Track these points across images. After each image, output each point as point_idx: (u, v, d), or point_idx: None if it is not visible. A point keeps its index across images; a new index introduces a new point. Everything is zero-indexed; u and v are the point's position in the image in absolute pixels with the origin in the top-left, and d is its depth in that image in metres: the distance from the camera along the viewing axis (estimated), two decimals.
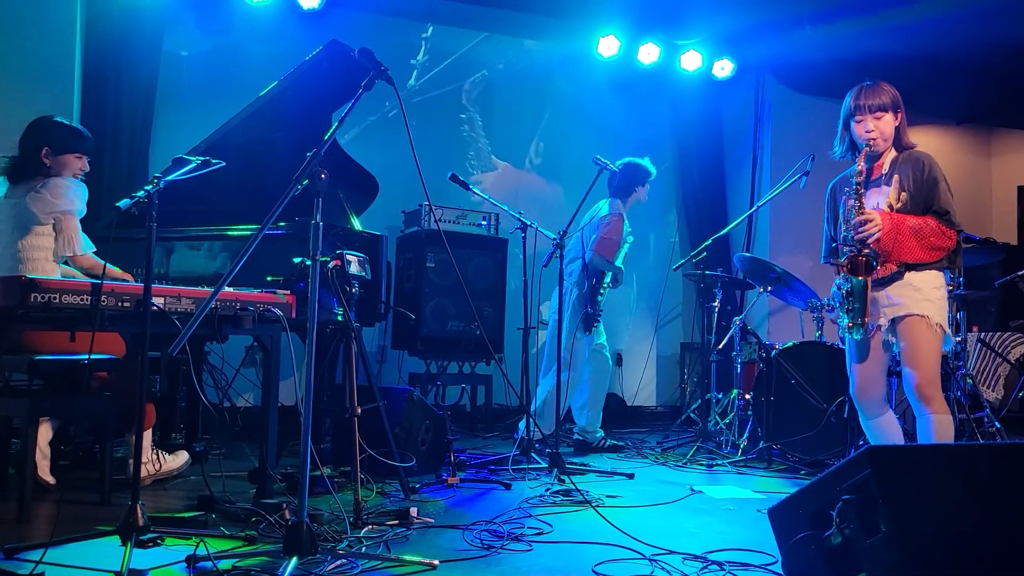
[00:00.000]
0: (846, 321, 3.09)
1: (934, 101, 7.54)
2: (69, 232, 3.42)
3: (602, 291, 5.02)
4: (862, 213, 3.03)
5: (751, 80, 7.28)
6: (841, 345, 3.26)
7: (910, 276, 3.06)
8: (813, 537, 2.12)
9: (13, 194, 3.45)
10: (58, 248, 3.43)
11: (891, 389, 4.59)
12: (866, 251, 3.01)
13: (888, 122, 3.13)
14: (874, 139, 3.10)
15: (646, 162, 5.19)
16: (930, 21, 5.92)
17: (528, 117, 7.06)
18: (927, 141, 8.16)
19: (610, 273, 5.01)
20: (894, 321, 3.08)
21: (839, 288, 3.12)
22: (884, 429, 3.21)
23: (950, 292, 4.78)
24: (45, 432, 3.47)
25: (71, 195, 3.43)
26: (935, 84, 6.91)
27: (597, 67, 6.95)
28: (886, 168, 3.12)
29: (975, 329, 5.87)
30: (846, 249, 3.07)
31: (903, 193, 3.08)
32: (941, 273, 3.09)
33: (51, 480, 3.46)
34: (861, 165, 3.10)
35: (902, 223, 3.03)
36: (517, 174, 6.98)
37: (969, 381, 4.94)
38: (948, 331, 3.07)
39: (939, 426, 2.95)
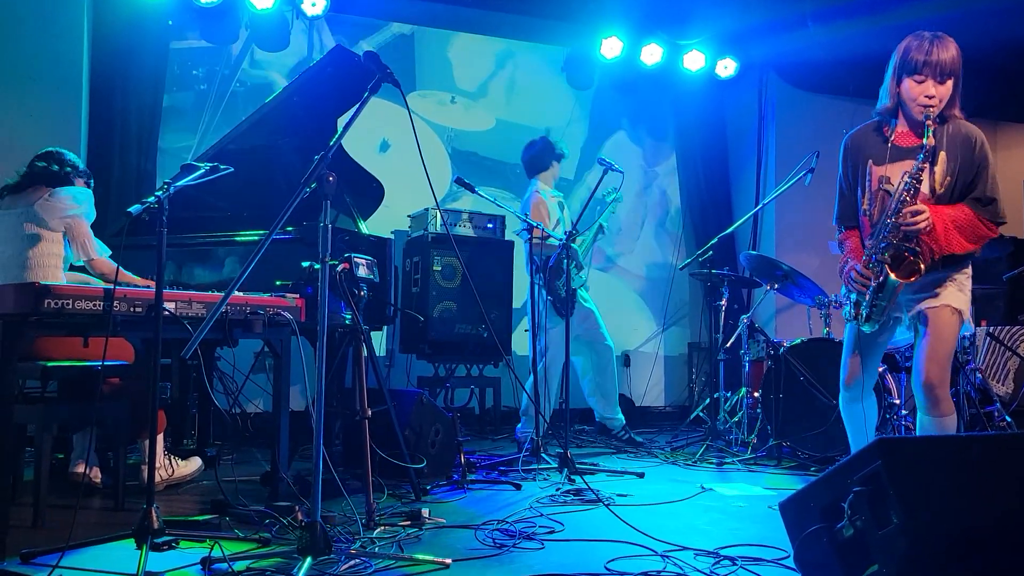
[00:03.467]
0: (860, 311, 2.83)
1: None
2: (82, 237, 3.45)
3: (561, 277, 4.90)
4: (914, 203, 2.68)
5: (754, 79, 7.29)
6: (905, 341, 2.98)
7: (946, 267, 2.79)
8: (825, 530, 2.12)
9: (15, 204, 3.46)
10: (74, 255, 3.46)
11: (900, 385, 4.59)
12: (910, 247, 2.70)
13: (949, 89, 2.73)
14: (934, 107, 2.70)
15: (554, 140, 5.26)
16: (934, 17, 5.92)
17: (532, 119, 7.07)
18: None
19: (553, 255, 4.82)
20: (920, 312, 2.81)
21: (860, 276, 2.80)
22: (865, 413, 3.03)
23: None
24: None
25: (79, 200, 3.48)
26: None
27: (600, 68, 6.97)
28: (922, 150, 2.70)
29: (984, 323, 5.85)
30: (885, 237, 2.74)
31: (948, 177, 2.74)
32: (969, 262, 2.88)
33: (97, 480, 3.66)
34: (930, 139, 2.66)
35: (943, 216, 2.72)
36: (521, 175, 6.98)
37: (978, 376, 4.93)
38: (968, 319, 2.87)
39: (947, 430, 2.78)
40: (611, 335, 5.31)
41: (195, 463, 3.88)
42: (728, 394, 5.53)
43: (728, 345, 5.48)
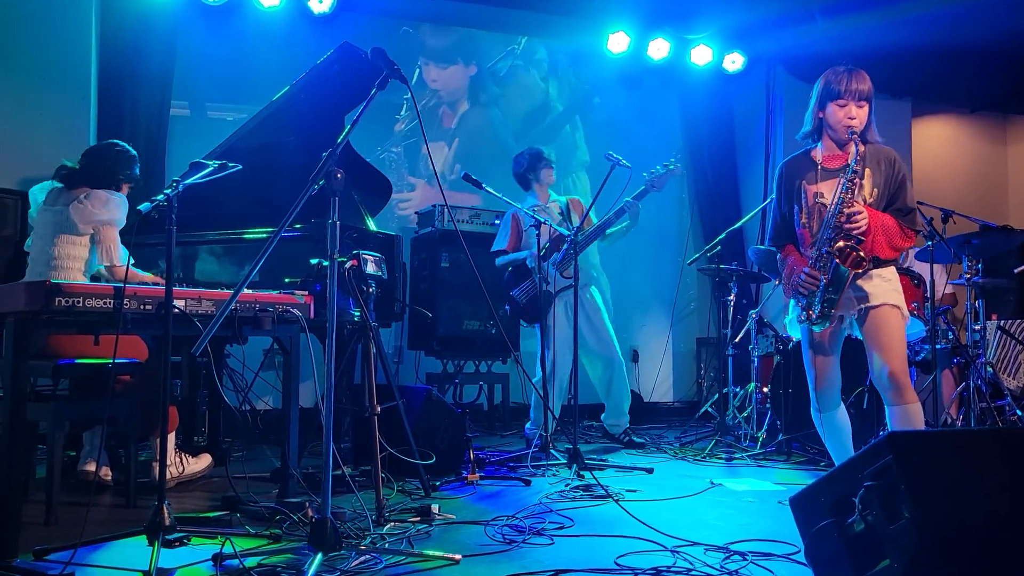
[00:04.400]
0: (811, 312, 3.02)
1: (948, 90, 7.50)
2: (108, 243, 3.48)
3: (520, 283, 4.97)
4: (853, 205, 2.95)
5: (762, 73, 7.27)
6: (853, 335, 3.17)
7: (876, 270, 3.04)
8: (836, 525, 2.12)
9: (57, 201, 3.51)
10: (97, 258, 3.49)
11: (911, 380, 4.57)
12: (851, 243, 2.94)
13: (866, 112, 3.06)
14: (856, 127, 3.02)
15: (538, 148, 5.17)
16: (943, 10, 5.89)
17: (539, 115, 7.07)
18: (942, 130, 8.12)
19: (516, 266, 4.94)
20: (861, 312, 3.04)
21: (809, 277, 3.02)
22: (840, 423, 3.20)
23: (967, 279, 4.76)
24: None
25: (112, 206, 3.50)
26: (949, 73, 6.87)
27: (607, 64, 6.96)
28: (851, 159, 3.00)
29: (994, 317, 5.83)
30: (829, 238, 2.98)
31: (875, 189, 3.04)
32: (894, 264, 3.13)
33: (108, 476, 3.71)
34: (860, 148, 2.99)
35: (875, 220, 3.00)
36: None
37: (989, 369, 4.91)
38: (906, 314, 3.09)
39: (916, 415, 2.97)
40: (619, 331, 5.28)
41: (205, 460, 3.90)
42: (737, 389, 5.52)
43: (737, 340, 5.47)
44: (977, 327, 4.92)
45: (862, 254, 2.93)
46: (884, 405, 3.06)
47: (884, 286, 3.05)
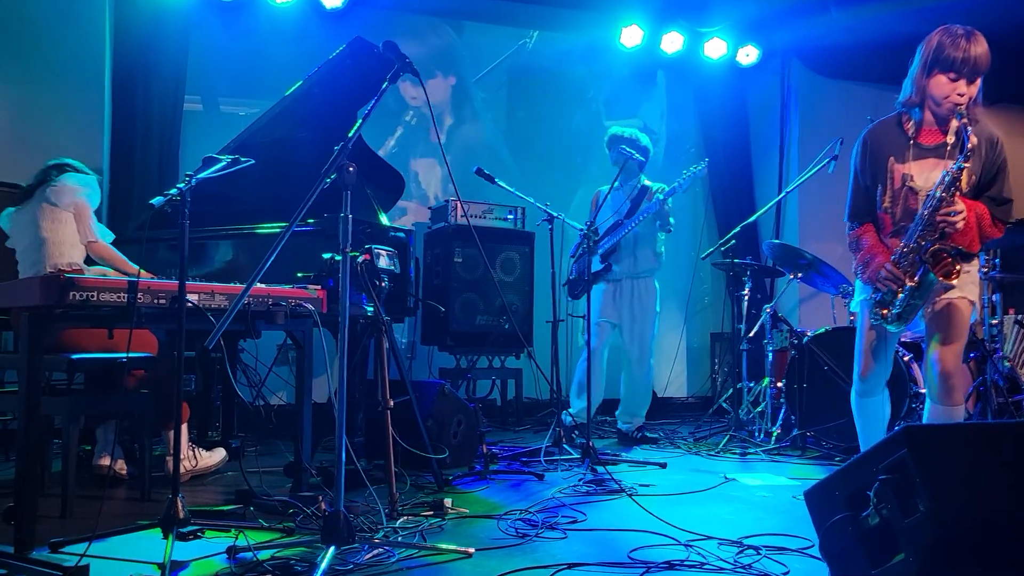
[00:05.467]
0: (886, 311, 2.82)
1: None
2: (84, 219, 3.61)
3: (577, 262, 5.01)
4: (954, 203, 2.66)
5: (776, 66, 7.21)
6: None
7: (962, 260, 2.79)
8: (850, 519, 2.10)
9: (27, 203, 3.62)
10: (79, 236, 3.57)
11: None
12: (947, 245, 2.70)
13: (977, 88, 2.72)
14: (963, 105, 2.68)
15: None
16: (960, 1, 5.82)
17: (550, 110, 7.05)
18: None
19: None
20: (938, 303, 2.82)
21: (890, 274, 2.76)
22: (881, 410, 3.07)
23: (985, 274, 4.71)
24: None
25: (83, 183, 3.65)
26: None
27: (620, 57, 6.93)
28: (950, 138, 2.73)
29: (1012, 311, 5.76)
30: (920, 234, 2.73)
31: (973, 176, 2.75)
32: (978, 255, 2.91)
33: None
34: (972, 141, 2.65)
35: (970, 212, 2.73)
36: (537, 165, 6.97)
37: (1007, 364, 4.86)
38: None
39: (957, 419, 2.81)
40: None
41: (219, 454, 3.92)
42: (751, 384, 5.50)
43: (751, 335, 5.44)
44: (994, 321, 4.87)
45: (959, 266, 2.69)
46: (927, 400, 2.86)
47: (964, 278, 2.78)
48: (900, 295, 2.79)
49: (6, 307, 3.19)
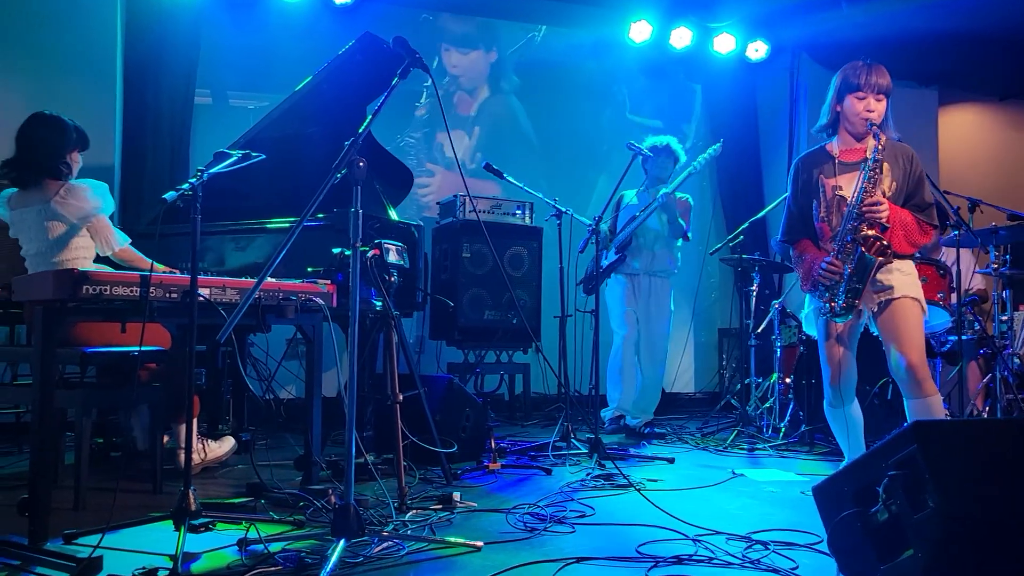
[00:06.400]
0: (834, 304, 3.01)
1: (975, 77, 7.38)
2: (104, 232, 3.49)
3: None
4: (874, 195, 2.96)
5: (786, 61, 7.19)
6: (870, 330, 3.16)
7: (895, 263, 3.03)
8: (859, 514, 2.10)
9: (30, 202, 3.41)
10: (99, 249, 3.51)
11: (935, 371, 4.52)
12: (878, 232, 2.94)
13: (884, 106, 3.06)
14: (874, 119, 3.02)
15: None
16: None
17: (561, 105, 7.05)
18: (969, 118, 8.00)
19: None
20: (880, 304, 3.04)
21: (830, 267, 3.00)
22: (855, 418, 3.21)
23: (995, 270, 4.70)
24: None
25: (94, 195, 3.45)
26: (976, 60, 6.75)
27: (629, 52, 6.92)
28: (869, 153, 3.00)
29: (1021, 308, 5.74)
30: (853, 227, 2.98)
31: (894, 183, 3.05)
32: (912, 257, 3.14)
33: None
34: (881, 142, 2.99)
35: (894, 214, 3.00)
36: (549, 160, 6.97)
37: (1016, 361, 4.84)
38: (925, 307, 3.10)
39: (935, 408, 2.96)
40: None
41: (228, 443, 3.92)
42: (759, 380, 5.49)
43: (759, 330, 5.44)
44: (1004, 318, 4.85)
45: (886, 242, 2.93)
46: (904, 399, 3.03)
47: (904, 279, 3.05)
48: (841, 284, 3.00)
49: (20, 301, 3.20)
